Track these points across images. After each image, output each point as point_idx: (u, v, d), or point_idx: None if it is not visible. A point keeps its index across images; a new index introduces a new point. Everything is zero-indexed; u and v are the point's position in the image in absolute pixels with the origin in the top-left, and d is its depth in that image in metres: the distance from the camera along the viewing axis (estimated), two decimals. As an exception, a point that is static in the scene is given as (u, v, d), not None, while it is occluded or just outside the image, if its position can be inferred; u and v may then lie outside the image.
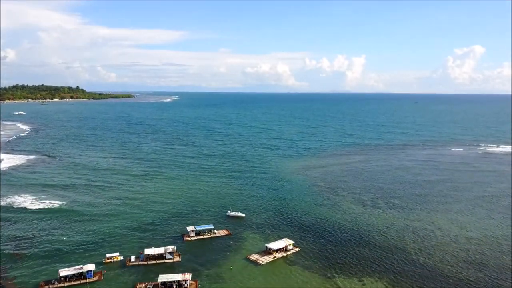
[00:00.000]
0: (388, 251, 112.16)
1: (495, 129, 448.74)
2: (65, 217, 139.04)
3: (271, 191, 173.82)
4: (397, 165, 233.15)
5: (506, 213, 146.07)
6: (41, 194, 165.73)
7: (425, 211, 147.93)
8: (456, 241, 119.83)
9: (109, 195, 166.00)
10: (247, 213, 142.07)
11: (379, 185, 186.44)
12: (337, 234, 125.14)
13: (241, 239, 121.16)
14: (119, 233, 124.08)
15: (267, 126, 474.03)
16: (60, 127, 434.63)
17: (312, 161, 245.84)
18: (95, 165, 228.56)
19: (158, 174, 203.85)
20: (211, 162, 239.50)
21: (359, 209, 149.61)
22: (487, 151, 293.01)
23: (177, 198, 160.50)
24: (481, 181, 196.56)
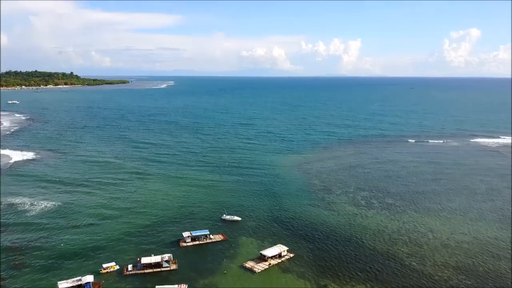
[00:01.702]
0: (381, 257, 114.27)
1: (495, 118, 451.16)
2: (62, 218, 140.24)
3: (266, 191, 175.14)
4: (391, 160, 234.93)
5: (497, 213, 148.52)
6: (40, 193, 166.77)
7: (418, 212, 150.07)
8: (447, 245, 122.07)
9: (105, 195, 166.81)
10: (242, 216, 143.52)
11: (373, 182, 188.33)
12: (331, 238, 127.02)
13: (236, 244, 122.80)
14: (115, 239, 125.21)
15: (260, 116, 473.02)
16: (56, 119, 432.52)
17: (306, 156, 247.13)
18: (92, 161, 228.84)
19: (152, 173, 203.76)
20: (206, 158, 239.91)
21: (353, 210, 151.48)
22: (484, 143, 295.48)
23: (172, 201, 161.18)
24: (475, 178, 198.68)
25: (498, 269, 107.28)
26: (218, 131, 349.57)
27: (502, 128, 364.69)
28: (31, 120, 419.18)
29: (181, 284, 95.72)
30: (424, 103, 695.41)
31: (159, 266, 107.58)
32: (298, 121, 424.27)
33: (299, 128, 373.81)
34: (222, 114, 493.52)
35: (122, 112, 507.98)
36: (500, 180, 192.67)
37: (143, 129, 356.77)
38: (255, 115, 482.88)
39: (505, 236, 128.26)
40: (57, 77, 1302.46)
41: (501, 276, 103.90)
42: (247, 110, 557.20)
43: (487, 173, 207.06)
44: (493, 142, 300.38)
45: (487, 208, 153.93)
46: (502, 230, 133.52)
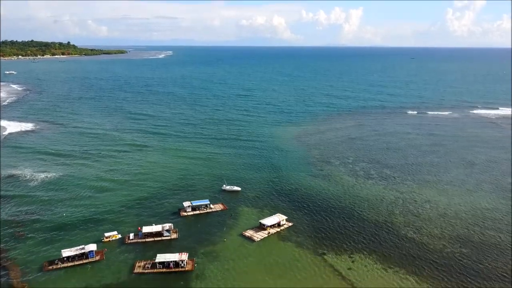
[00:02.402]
0: (378, 226, 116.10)
1: (495, 89, 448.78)
2: (62, 191, 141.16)
3: (265, 162, 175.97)
4: (390, 132, 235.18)
5: (495, 184, 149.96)
6: (39, 165, 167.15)
7: (415, 182, 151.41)
8: (444, 214, 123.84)
9: (104, 167, 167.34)
10: (242, 186, 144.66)
11: (372, 153, 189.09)
12: (329, 208, 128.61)
13: (236, 213, 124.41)
14: (116, 209, 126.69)
15: (259, 88, 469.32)
16: (53, 89, 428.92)
17: (305, 128, 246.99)
18: (90, 132, 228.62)
19: (151, 145, 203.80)
20: (204, 130, 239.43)
21: (351, 181, 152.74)
22: (484, 115, 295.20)
23: (172, 171, 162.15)
24: (473, 149, 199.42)
25: (493, 238, 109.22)
26: (217, 103, 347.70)
27: (502, 100, 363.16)
28: (28, 90, 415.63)
29: (181, 253, 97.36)
30: (425, 73, 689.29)
31: (160, 235, 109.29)
32: (297, 92, 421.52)
33: (298, 99, 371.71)
34: (220, 85, 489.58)
35: (120, 82, 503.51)
36: (499, 152, 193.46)
37: (140, 100, 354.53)
38: (254, 86, 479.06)
39: (501, 206, 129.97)
40: (54, 47, 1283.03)
41: (496, 244, 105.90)
42: (245, 81, 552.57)
43: (486, 144, 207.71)
44: (493, 113, 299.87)
45: (485, 179, 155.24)
46: (499, 200, 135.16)
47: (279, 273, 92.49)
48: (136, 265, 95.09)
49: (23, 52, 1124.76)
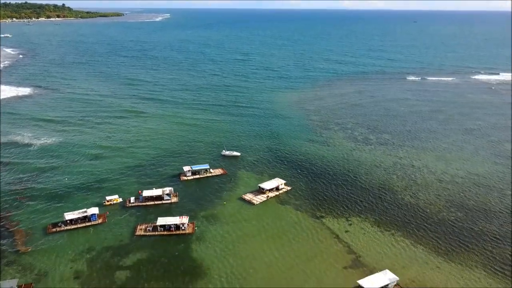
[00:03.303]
0: (376, 190, 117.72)
1: (496, 53, 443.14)
2: (62, 157, 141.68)
3: (264, 127, 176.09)
4: (390, 97, 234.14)
5: (493, 150, 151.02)
6: (37, 132, 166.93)
7: (414, 147, 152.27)
8: (441, 179, 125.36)
9: (102, 134, 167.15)
10: (241, 151, 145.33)
11: (372, 119, 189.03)
12: (327, 172, 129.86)
13: (236, 178, 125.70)
14: (116, 173, 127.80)
15: (258, 52, 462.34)
16: (49, 53, 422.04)
17: (305, 93, 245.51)
18: (87, 98, 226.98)
19: (148, 111, 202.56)
20: (202, 96, 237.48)
21: (350, 146, 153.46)
22: (484, 80, 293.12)
23: (171, 137, 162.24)
24: (472, 115, 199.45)
25: (489, 203, 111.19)
26: (214, 68, 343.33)
27: (503, 65, 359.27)
28: (22, 55, 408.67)
29: (182, 216, 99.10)
30: (426, 38, 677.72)
31: (160, 199, 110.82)
32: (297, 57, 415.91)
33: (298, 64, 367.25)
34: (218, 49, 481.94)
35: (116, 47, 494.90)
36: (498, 118, 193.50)
37: (137, 65, 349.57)
38: (252, 51, 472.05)
39: (498, 171, 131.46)
40: (49, 9, 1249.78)
41: (490, 208, 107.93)
42: (244, 44, 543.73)
43: (486, 111, 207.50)
44: (494, 79, 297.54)
45: (483, 145, 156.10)
46: (496, 165, 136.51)
47: (277, 236, 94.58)
48: (138, 228, 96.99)
49: (17, 15, 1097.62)
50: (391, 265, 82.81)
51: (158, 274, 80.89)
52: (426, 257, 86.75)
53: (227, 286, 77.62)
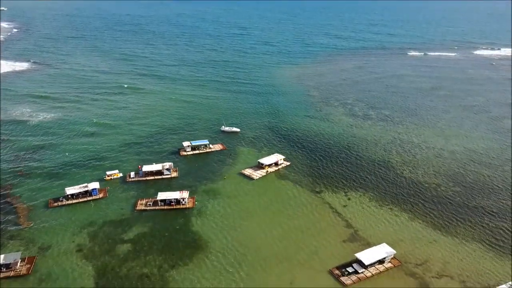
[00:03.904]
0: (375, 166, 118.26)
1: (498, 28, 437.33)
2: (61, 132, 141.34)
3: (264, 103, 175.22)
4: (390, 72, 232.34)
5: (492, 125, 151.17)
6: (36, 107, 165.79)
7: (413, 123, 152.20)
8: (439, 155, 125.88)
9: (101, 109, 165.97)
10: (240, 127, 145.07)
11: (372, 95, 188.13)
12: (326, 148, 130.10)
13: (235, 153, 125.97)
14: (116, 149, 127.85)
15: (256, 27, 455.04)
16: (44, 28, 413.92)
17: (305, 68, 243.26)
18: (84, 74, 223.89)
19: (146, 87, 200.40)
20: (202, 71, 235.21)
21: (350, 121, 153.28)
22: (485, 56, 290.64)
23: (170, 113, 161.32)
24: (473, 90, 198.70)
25: (487, 178, 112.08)
26: (213, 43, 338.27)
27: (505, 40, 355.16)
28: (17, 29, 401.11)
29: (182, 191, 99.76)
30: (427, 12, 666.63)
31: (160, 173, 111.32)
32: (296, 31, 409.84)
33: (297, 39, 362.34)
34: (216, 24, 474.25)
35: (112, 21, 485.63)
36: (499, 94, 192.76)
37: (133, 40, 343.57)
38: (251, 25, 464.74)
39: (497, 147, 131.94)
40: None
41: (488, 184, 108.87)
42: (242, 19, 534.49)
43: (486, 87, 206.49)
44: (495, 54, 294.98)
45: (483, 121, 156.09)
46: (495, 141, 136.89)
47: (276, 210, 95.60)
48: (138, 203, 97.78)
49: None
50: (389, 239, 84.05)
51: (158, 248, 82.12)
52: (423, 231, 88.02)
53: (227, 259, 78.88)
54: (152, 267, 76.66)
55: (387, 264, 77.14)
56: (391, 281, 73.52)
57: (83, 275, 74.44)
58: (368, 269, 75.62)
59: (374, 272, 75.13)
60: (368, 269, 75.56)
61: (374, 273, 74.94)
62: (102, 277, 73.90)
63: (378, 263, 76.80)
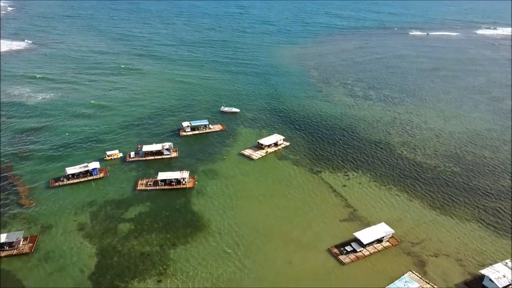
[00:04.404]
0: (374, 146, 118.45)
1: (503, 7, 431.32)
2: (60, 113, 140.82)
3: (263, 83, 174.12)
4: (391, 52, 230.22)
5: (492, 106, 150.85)
6: (34, 88, 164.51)
7: (413, 103, 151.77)
8: (439, 135, 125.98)
9: (99, 90, 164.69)
10: (240, 107, 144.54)
11: (372, 75, 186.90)
12: (326, 128, 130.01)
13: (235, 134, 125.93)
14: (115, 129, 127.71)
15: (255, 5, 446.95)
16: (39, 5, 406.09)
17: (305, 48, 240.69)
18: (81, 54, 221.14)
19: (145, 67, 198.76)
20: (200, 51, 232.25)
21: (350, 101, 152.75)
22: (487, 35, 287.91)
23: (169, 93, 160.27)
24: (473, 70, 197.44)
25: (485, 158, 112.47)
26: (211, 22, 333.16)
27: (507, 19, 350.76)
28: (11, 7, 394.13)
29: (182, 171, 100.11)
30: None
31: (160, 153, 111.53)
32: (296, 10, 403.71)
33: (297, 17, 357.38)
34: (214, 2, 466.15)
35: None
36: (500, 74, 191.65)
37: (130, 19, 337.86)
38: (250, 3, 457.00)
39: (497, 127, 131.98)
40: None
41: (487, 164, 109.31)
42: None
43: (487, 67, 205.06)
44: (497, 34, 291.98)
45: (483, 101, 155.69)
46: (495, 121, 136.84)
47: (276, 190, 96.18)
48: (139, 183, 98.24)
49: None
50: (387, 219, 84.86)
51: (159, 227, 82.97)
52: (421, 211, 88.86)
53: (226, 239, 79.77)
54: (153, 246, 77.60)
55: (385, 243, 78.13)
56: (388, 260, 74.60)
57: (85, 253, 75.42)
58: (367, 248, 76.62)
59: (372, 251, 76.16)
60: (367, 248, 76.56)
61: (372, 252, 75.97)
62: (104, 256, 74.90)
63: (377, 242, 77.78)
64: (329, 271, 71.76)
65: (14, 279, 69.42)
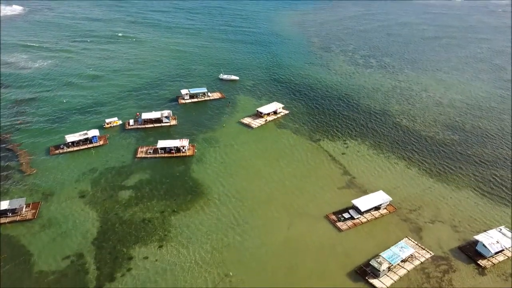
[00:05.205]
0: (374, 114, 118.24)
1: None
2: (58, 80, 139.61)
3: (263, 50, 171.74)
4: (393, 20, 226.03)
5: (494, 74, 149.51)
6: (31, 55, 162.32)
7: (414, 71, 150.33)
8: (439, 103, 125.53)
9: (97, 58, 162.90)
10: (239, 75, 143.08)
11: (373, 42, 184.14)
12: (326, 96, 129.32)
13: (234, 101, 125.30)
14: (113, 97, 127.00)
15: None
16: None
17: (306, 15, 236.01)
18: (76, 22, 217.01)
19: (141, 36, 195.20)
20: (197, 18, 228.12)
21: (350, 69, 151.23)
22: (492, 1, 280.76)
23: (166, 61, 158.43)
24: (476, 37, 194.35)
25: (485, 126, 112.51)
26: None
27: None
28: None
29: (182, 139, 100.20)
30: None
31: (159, 121, 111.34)
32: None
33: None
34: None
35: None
36: (502, 42, 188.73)
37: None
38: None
39: (497, 95, 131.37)
40: None
41: (486, 132, 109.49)
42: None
43: (491, 35, 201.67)
44: (504, 1, 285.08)
45: (484, 69, 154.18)
46: (495, 89, 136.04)
47: (275, 158, 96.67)
48: (139, 150, 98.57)
49: None
50: (385, 186, 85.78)
51: (160, 194, 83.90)
52: (418, 179, 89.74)
53: (225, 205, 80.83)
54: (154, 212, 78.76)
55: (383, 211, 79.34)
56: (385, 227, 75.98)
57: (87, 219, 76.64)
58: (364, 215, 77.88)
59: (370, 218, 77.43)
60: (364, 215, 77.83)
61: (370, 219, 77.25)
62: (106, 222, 76.14)
63: (374, 210, 78.96)
64: (326, 237, 73.20)
65: (18, 244, 70.87)
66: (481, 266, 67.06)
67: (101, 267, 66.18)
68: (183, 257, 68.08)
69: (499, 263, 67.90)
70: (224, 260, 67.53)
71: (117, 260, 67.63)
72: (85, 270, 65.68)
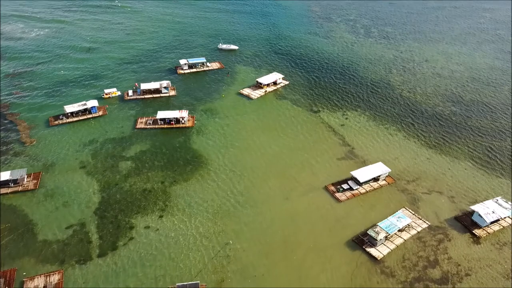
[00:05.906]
0: (374, 85, 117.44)
1: None
2: (55, 51, 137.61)
3: (262, 19, 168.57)
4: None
5: (495, 44, 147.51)
6: (26, 25, 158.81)
7: (416, 41, 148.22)
8: (440, 74, 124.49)
9: (93, 29, 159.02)
10: (239, 44, 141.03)
11: (375, 11, 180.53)
12: (326, 67, 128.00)
13: (233, 72, 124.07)
14: (111, 67, 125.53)
15: None
16: None
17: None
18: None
19: (139, 5, 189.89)
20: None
21: (351, 39, 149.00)
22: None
23: (164, 31, 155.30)
24: (480, 6, 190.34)
25: (485, 97, 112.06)
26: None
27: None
28: None
29: (182, 110, 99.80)
30: None
31: (158, 92, 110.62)
32: None
33: None
34: None
35: None
36: (506, 12, 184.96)
37: None
38: None
39: (499, 66, 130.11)
40: None
41: (486, 104, 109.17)
42: None
43: (493, 4, 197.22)
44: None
45: (487, 39, 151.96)
46: (497, 60, 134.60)
47: (275, 129, 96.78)
48: (138, 121, 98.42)
49: None
50: (384, 158, 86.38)
51: (160, 164, 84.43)
52: (417, 150, 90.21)
53: (225, 176, 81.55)
54: (154, 182, 79.52)
55: (381, 182, 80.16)
56: (383, 197, 77.00)
57: (88, 189, 77.47)
58: (363, 186, 78.76)
59: (368, 189, 78.35)
60: (363, 186, 78.71)
61: (368, 190, 78.18)
62: (107, 191, 76.99)
63: (373, 181, 79.77)
64: (325, 208, 74.28)
65: (22, 214, 71.90)
66: (476, 236, 68.47)
67: (104, 236, 67.46)
68: (184, 226, 69.34)
69: (494, 232, 69.30)
70: (224, 229, 68.80)
71: (119, 229, 68.87)
72: (88, 239, 67.00)
